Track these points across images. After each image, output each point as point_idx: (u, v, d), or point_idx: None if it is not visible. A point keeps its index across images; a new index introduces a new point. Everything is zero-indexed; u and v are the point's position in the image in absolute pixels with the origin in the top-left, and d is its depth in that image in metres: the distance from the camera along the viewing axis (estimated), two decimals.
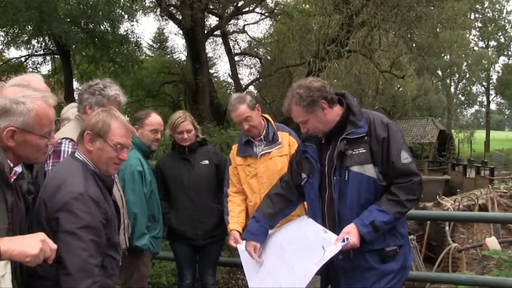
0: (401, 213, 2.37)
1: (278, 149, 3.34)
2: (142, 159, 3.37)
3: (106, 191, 2.18)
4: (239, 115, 3.30)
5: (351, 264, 2.48)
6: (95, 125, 2.13)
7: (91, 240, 1.96)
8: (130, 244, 3.18)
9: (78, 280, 1.91)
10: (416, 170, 2.38)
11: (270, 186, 3.25)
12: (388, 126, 2.41)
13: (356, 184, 2.40)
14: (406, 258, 2.53)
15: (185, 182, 3.59)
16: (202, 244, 3.64)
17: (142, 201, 3.28)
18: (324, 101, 2.42)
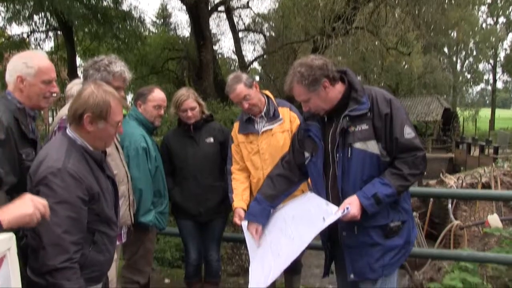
0: (404, 187, 2.38)
1: (280, 125, 3.35)
2: (146, 135, 3.37)
3: (97, 167, 2.16)
4: (237, 95, 3.30)
5: (355, 241, 2.50)
6: (96, 107, 2.08)
7: (67, 216, 1.94)
8: (135, 220, 3.23)
9: (51, 256, 1.91)
10: (419, 145, 2.39)
11: (272, 163, 3.27)
12: (390, 101, 2.41)
13: (359, 161, 2.41)
14: (410, 234, 2.54)
15: (189, 160, 3.60)
16: (205, 221, 3.68)
17: (147, 177, 3.30)
18: (326, 80, 2.41)
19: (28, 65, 2.47)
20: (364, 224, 2.44)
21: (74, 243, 1.96)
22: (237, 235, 4.35)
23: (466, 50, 49.70)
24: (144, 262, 3.49)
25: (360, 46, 16.18)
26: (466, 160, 25.97)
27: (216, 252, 3.75)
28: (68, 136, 2.12)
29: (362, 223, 2.43)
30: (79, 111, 2.08)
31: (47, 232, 1.91)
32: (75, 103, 2.10)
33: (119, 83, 2.80)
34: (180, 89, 3.66)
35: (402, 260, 2.53)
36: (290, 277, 3.70)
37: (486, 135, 37.31)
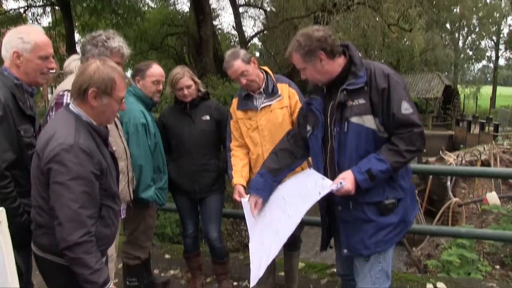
0: (400, 163, 2.34)
1: (278, 101, 3.33)
2: (145, 111, 3.35)
3: (102, 142, 2.18)
4: (235, 71, 3.27)
5: (350, 216, 2.51)
6: (101, 82, 2.07)
7: (82, 192, 1.97)
8: (135, 196, 3.24)
9: (70, 231, 1.94)
10: (417, 121, 2.34)
11: (271, 139, 3.28)
12: (389, 76, 2.36)
13: (355, 135, 2.39)
14: (407, 212, 2.52)
15: (185, 137, 3.59)
16: (200, 198, 3.70)
17: (147, 153, 3.30)
18: (322, 52, 2.39)
19: (24, 40, 2.44)
20: (359, 200, 2.44)
21: (90, 217, 2.00)
22: (237, 211, 4.38)
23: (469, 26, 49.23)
24: (145, 238, 3.52)
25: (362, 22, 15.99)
26: (466, 137, 25.98)
27: (216, 231, 3.73)
28: (73, 112, 2.12)
29: (357, 198, 2.44)
30: (83, 86, 2.07)
31: (63, 208, 1.94)
32: (80, 78, 2.09)
33: (117, 59, 2.77)
34: (175, 68, 3.62)
35: (397, 238, 2.53)
36: (289, 253, 3.73)
37: (487, 112, 37.22)
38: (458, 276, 4.95)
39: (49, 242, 2.09)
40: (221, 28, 28.75)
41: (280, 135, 3.27)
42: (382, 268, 2.53)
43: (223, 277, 3.93)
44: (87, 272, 1.97)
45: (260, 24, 27.25)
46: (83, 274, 1.98)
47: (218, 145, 3.69)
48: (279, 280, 3.98)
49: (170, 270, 4.49)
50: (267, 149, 3.32)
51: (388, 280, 2.58)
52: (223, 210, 3.91)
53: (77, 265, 1.98)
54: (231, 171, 3.43)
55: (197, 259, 3.98)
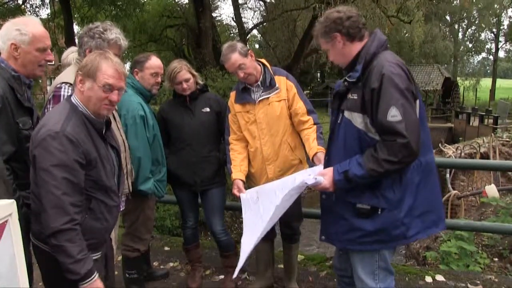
0: (376, 172, 2.18)
1: (276, 94, 3.31)
2: (143, 103, 3.35)
3: (97, 134, 2.17)
4: (232, 64, 3.26)
5: (330, 207, 2.50)
6: (85, 66, 2.12)
7: (64, 178, 1.96)
8: (134, 188, 3.24)
9: (53, 218, 1.95)
10: (403, 131, 2.12)
11: (269, 132, 3.28)
12: (383, 76, 2.17)
13: (344, 129, 2.36)
14: (394, 226, 2.33)
15: (185, 129, 3.59)
16: (200, 190, 3.70)
17: (146, 145, 3.29)
18: (338, 34, 2.35)
19: (22, 32, 2.42)
20: (337, 195, 2.43)
21: (73, 204, 1.99)
22: (236, 203, 4.36)
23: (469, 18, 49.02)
24: (144, 230, 3.52)
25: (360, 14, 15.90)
26: (466, 130, 26.00)
27: (219, 224, 3.73)
28: (71, 102, 2.15)
29: (337, 194, 2.43)
30: (77, 74, 2.14)
31: (47, 194, 1.95)
32: None
33: (114, 51, 2.74)
34: (172, 62, 3.61)
35: (376, 246, 2.40)
36: (288, 246, 3.73)
37: (486, 105, 37.21)
38: (458, 268, 4.96)
39: (39, 228, 2.10)
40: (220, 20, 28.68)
41: (278, 128, 3.27)
42: (379, 266, 2.47)
43: (231, 270, 3.89)
44: (68, 261, 1.97)
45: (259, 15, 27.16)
46: (65, 263, 1.97)
47: (218, 137, 3.68)
48: (278, 272, 3.99)
49: (170, 262, 4.50)
50: (265, 142, 3.32)
51: (391, 274, 2.52)
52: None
53: (59, 253, 1.98)
54: (230, 166, 3.42)
55: (197, 251, 3.98)
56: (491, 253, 5.99)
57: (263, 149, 3.34)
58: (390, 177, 2.28)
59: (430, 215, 2.40)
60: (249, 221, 2.84)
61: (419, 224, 2.37)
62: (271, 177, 3.33)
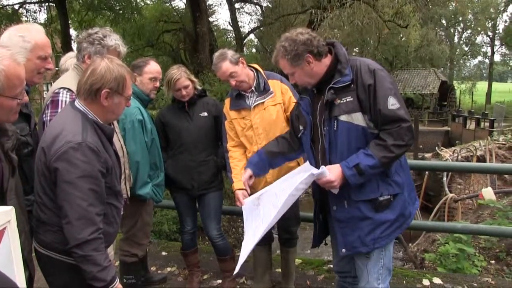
0: (388, 158, 2.31)
1: (271, 98, 3.32)
2: (142, 107, 3.36)
3: (107, 140, 2.18)
4: (223, 73, 3.27)
5: (345, 215, 2.51)
6: (113, 82, 2.09)
7: (90, 189, 1.98)
8: (132, 193, 3.24)
9: (80, 228, 1.96)
10: (404, 116, 2.31)
11: (267, 136, 3.28)
12: (374, 72, 2.36)
13: (344, 134, 2.40)
14: (405, 207, 2.51)
15: (183, 134, 3.60)
16: (198, 194, 3.70)
17: (144, 149, 3.30)
18: (309, 55, 2.41)
19: (25, 39, 2.42)
20: (353, 198, 2.45)
21: (98, 214, 2.02)
22: (234, 208, 4.38)
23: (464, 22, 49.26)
24: (142, 235, 3.52)
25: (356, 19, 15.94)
26: (462, 133, 26.05)
27: (216, 229, 3.74)
28: (79, 110, 2.12)
29: (352, 197, 2.45)
30: (95, 86, 2.08)
31: (73, 206, 1.96)
32: (91, 78, 2.08)
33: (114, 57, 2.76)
34: (171, 68, 3.61)
35: (396, 233, 2.52)
36: (286, 249, 3.74)
37: (483, 108, 37.38)
38: (456, 269, 4.97)
39: (52, 239, 2.10)
40: (217, 25, 28.72)
41: (275, 132, 3.27)
42: (384, 264, 2.54)
43: (228, 275, 3.90)
44: (96, 269, 1.98)
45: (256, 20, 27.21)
46: (91, 272, 1.98)
47: (216, 142, 3.69)
48: (275, 276, 3.99)
49: (167, 267, 4.49)
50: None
51: (390, 274, 2.60)
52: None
53: (86, 263, 1.98)
54: (231, 175, 3.42)
55: (195, 256, 3.98)
56: (488, 255, 6.00)
57: None
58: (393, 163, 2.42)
59: (412, 191, 2.62)
60: (250, 227, 2.84)
61: (410, 201, 2.57)
62: (270, 181, 3.32)
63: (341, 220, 2.54)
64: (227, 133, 3.49)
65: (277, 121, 3.32)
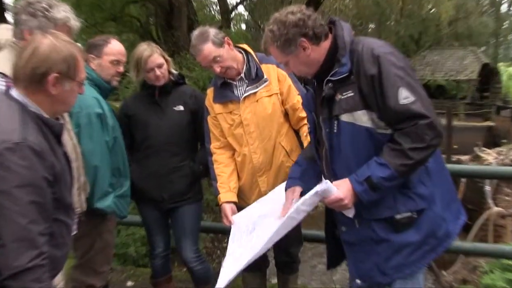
0: (407, 166, 2.26)
1: (265, 88, 3.33)
2: (101, 98, 3.35)
3: (54, 139, 2.14)
4: (205, 58, 3.27)
5: (357, 237, 2.52)
6: (63, 64, 2.07)
7: (31, 202, 1.90)
8: (89, 206, 3.22)
9: (16, 253, 1.87)
10: (421, 111, 2.23)
11: (260, 135, 3.30)
12: (379, 58, 2.29)
13: (348, 137, 2.39)
14: (437, 225, 2.46)
15: (152, 132, 3.62)
16: (170, 208, 3.72)
17: (104, 151, 3.29)
18: (303, 39, 2.41)
19: None
20: (365, 216, 2.45)
21: (41, 234, 1.94)
22: (218, 224, 4.39)
23: None
24: (101, 260, 3.52)
25: None
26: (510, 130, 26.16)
27: (192, 250, 3.77)
28: (17, 101, 2.07)
29: (363, 215, 2.44)
30: (40, 69, 2.04)
31: (8, 224, 1.88)
32: (33, 60, 2.04)
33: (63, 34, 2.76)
34: (139, 45, 3.62)
35: (426, 259, 2.48)
36: (284, 277, 3.76)
37: None
38: None
39: None
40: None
41: (270, 130, 3.29)
42: None
43: None
44: None
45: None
46: None
47: (194, 143, 3.71)
48: None
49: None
50: (255, 149, 3.35)
51: None
52: (201, 223, 3.94)
53: None
54: (216, 184, 3.43)
55: (169, 286, 4.00)
56: None
57: (252, 157, 3.37)
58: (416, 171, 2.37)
59: (453, 203, 2.57)
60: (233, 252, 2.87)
61: (450, 216, 2.51)
62: (264, 191, 3.35)
63: (353, 243, 2.56)
64: (210, 132, 3.50)
65: (273, 115, 3.34)
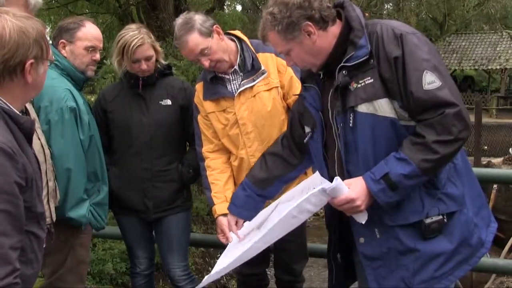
0: (431, 162, 2.27)
1: (264, 80, 3.33)
2: (75, 90, 3.35)
3: (24, 139, 2.13)
4: (191, 51, 3.25)
5: (379, 249, 2.50)
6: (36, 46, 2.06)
7: (3, 211, 1.88)
8: (60, 216, 3.22)
9: None
10: (449, 98, 2.25)
11: (259, 135, 3.32)
12: (402, 38, 2.33)
13: (367, 131, 2.39)
14: (469, 231, 2.48)
15: (134, 130, 3.63)
16: (154, 218, 3.73)
17: (78, 152, 3.30)
18: (309, 23, 2.41)
19: None
20: (387, 223, 2.45)
21: (14, 248, 1.93)
22: (209, 237, 4.39)
23: None
24: (74, 278, 3.51)
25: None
26: None
27: (181, 267, 3.78)
28: None
29: (385, 221, 2.45)
30: (14, 59, 2.02)
31: None
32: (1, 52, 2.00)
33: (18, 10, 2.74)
34: (128, 28, 3.59)
35: (460, 271, 2.50)
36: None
37: None
38: None
39: None
40: None
41: (270, 129, 3.30)
42: None
43: None
44: None
45: None
46: None
47: (182, 143, 3.74)
48: None
49: None
50: (253, 151, 3.35)
51: None
52: (190, 236, 3.96)
53: None
54: (210, 193, 3.42)
55: None
56: None
57: (251, 161, 3.34)
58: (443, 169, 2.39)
59: (483, 209, 2.59)
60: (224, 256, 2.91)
61: (481, 223, 2.53)
62: None
63: (373, 257, 2.54)
64: (201, 133, 3.50)
65: (274, 112, 3.34)
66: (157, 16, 17.73)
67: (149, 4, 19.16)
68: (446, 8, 31.55)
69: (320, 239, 3.87)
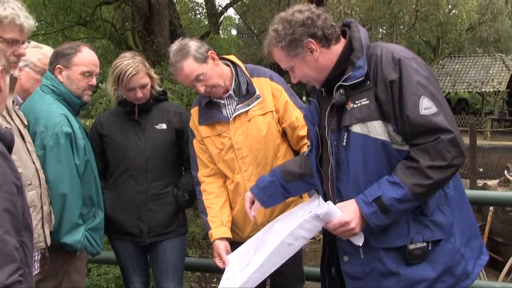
0: (423, 187, 2.28)
1: (259, 105, 3.34)
2: (70, 115, 3.35)
3: (7, 152, 2.10)
4: (186, 77, 3.27)
5: (362, 268, 2.52)
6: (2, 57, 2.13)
7: (5, 210, 1.87)
8: (55, 241, 3.21)
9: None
10: (444, 124, 2.28)
11: (255, 159, 3.31)
12: (400, 63, 2.35)
13: (359, 151, 2.41)
14: (455, 261, 2.49)
15: (130, 154, 3.63)
16: (149, 243, 3.71)
17: (73, 177, 3.29)
18: (311, 40, 2.46)
19: None
20: (372, 245, 2.46)
21: (16, 247, 1.92)
22: (206, 261, 4.37)
23: None
24: None
25: None
26: None
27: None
28: None
29: (370, 243, 2.45)
30: None
31: None
32: None
33: (13, 34, 2.75)
34: (122, 56, 3.60)
35: None
36: None
37: None
38: None
39: None
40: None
41: (266, 154, 3.30)
42: None
43: None
44: None
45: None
46: None
47: (178, 167, 3.73)
48: None
49: None
50: (249, 176, 3.35)
51: None
52: (186, 260, 3.94)
53: None
54: (206, 218, 3.42)
55: None
56: None
57: (246, 185, 3.34)
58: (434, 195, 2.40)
59: (474, 240, 2.60)
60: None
61: (470, 253, 2.54)
62: (260, 222, 3.32)
63: (356, 276, 2.56)
64: (197, 158, 3.50)
65: (269, 137, 3.34)
66: (152, 41, 17.83)
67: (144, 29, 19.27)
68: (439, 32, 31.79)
69: (316, 263, 3.84)
